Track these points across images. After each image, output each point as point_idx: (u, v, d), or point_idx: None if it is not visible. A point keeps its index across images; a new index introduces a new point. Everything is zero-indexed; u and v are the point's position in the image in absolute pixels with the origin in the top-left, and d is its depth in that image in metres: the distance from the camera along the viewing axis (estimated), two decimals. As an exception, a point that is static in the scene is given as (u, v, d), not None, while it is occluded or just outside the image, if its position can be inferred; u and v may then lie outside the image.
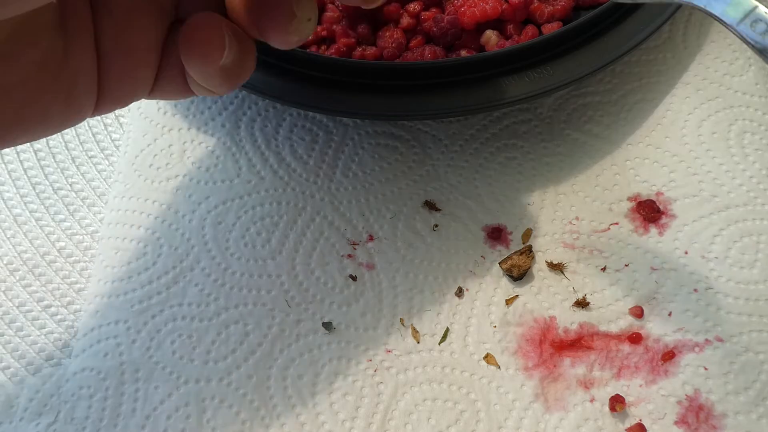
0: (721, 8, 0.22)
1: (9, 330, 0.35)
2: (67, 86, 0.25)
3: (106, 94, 0.26)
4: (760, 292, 0.33)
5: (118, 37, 0.26)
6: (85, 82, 0.25)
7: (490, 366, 0.33)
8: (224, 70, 0.26)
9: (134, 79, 0.27)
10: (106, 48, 0.26)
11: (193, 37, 0.26)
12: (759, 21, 0.21)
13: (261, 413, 0.32)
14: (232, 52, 0.26)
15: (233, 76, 0.27)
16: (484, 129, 0.39)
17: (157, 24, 0.27)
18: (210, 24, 0.26)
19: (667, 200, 0.36)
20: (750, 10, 0.22)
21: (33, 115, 0.24)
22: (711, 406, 0.31)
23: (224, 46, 0.26)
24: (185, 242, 0.36)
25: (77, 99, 0.25)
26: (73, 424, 0.32)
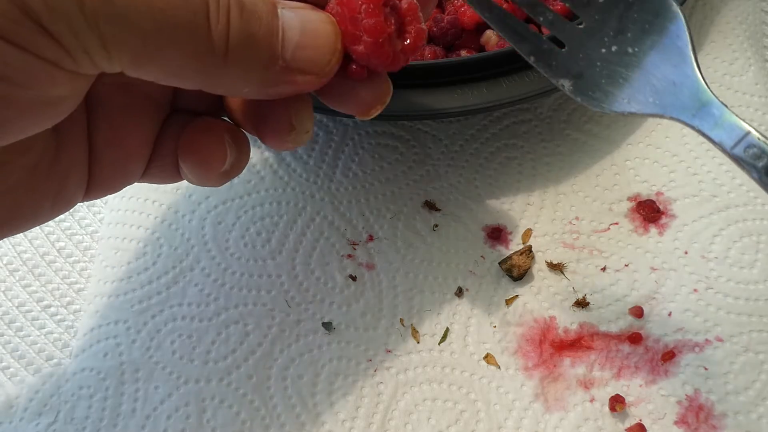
0: (715, 132, 0.22)
1: (9, 330, 0.35)
2: (58, 183, 0.25)
3: (97, 184, 0.26)
4: (760, 292, 0.33)
5: (112, 133, 0.26)
6: (76, 176, 0.25)
7: (490, 366, 0.33)
8: (222, 174, 0.27)
9: (124, 171, 0.27)
10: (99, 143, 0.26)
11: (194, 148, 0.26)
12: (752, 146, 0.21)
13: (261, 413, 0.32)
14: (232, 157, 0.27)
15: (229, 176, 0.28)
16: (484, 129, 0.39)
17: (152, 119, 0.27)
18: (212, 134, 0.26)
19: (667, 200, 0.36)
20: (743, 135, 0.22)
21: (24, 215, 0.24)
22: (711, 406, 0.31)
23: (226, 156, 0.26)
24: (185, 242, 0.36)
25: (67, 193, 0.25)
26: (73, 424, 0.32)
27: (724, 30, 0.40)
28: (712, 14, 0.41)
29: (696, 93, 0.22)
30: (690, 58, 0.22)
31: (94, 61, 0.19)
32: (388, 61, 0.24)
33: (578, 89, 0.23)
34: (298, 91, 0.24)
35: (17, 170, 0.23)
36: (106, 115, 0.26)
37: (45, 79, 0.19)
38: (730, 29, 0.40)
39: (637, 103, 0.23)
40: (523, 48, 0.24)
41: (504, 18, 0.24)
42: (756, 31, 0.41)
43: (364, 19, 0.23)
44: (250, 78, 0.22)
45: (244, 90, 0.23)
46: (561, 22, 0.23)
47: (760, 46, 0.41)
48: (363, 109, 0.26)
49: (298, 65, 0.22)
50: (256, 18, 0.21)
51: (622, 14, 0.23)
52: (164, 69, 0.20)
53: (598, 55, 0.23)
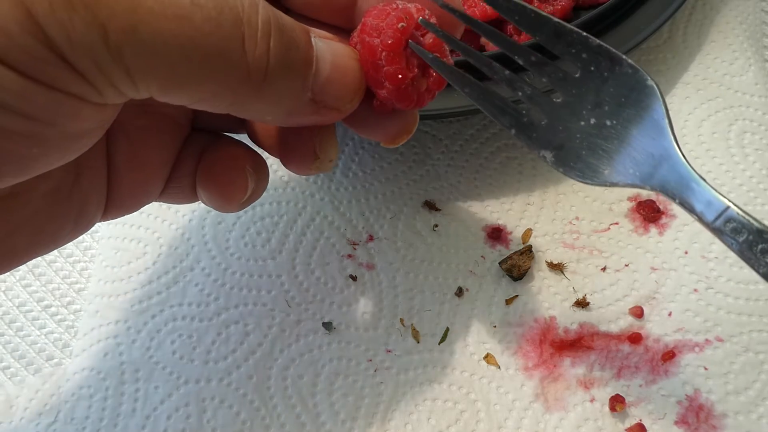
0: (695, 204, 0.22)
1: (9, 330, 0.35)
2: (78, 207, 0.24)
3: (115, 205, 0.26)
4: (760, 292, 0.33)
5: (132, 154, 0.26)
6: (96, 197, 0.25)
7: (490, 366, 0.33)
8: (241, 204, 0.27)
9: (144, 191, 0.27)
10: (118, 164, 0.25)
11: (215, 178, 0.26)
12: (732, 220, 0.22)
13: (261, 413, 0.32)
14: (252, 186, 0.26)
15: (248, 203, 0.28)
16: (484, 129, 0.39)
17: (172, 139, 0.27)
18: (234, 165, 0.26)
19: (667, 200, 0.36)
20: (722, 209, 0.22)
21: (45, 240, 0.24)
22: (711, 406, 0.31)
23: (247, 186, 0.26)
24: (185, 242, 0.36)
25: (87, 215, 0.25)
26: (73, 424, 0.32)
27: (724, 30, 0.40)
28: (712, 14, 0.41)
29: (674, 166, 0.22)
30: (667, 131, 0.22)
31: (121, 91, 0.19)
32: (412, 104, 0.23)
33: (560, 161, 0.23)
34: (318, 123, 0.23)
35: (38, 198, 0.23)
36: (126, 136, 0.25)
37: (71, 115, 0.18)
38: (730, 29, 0.40)
39: (618, 174, 0.23)
40: (504, 121, 0.24)
41: (484, 94, 0.24)
42: (756, 31, 0.41)
43: (385, 66, 0.22)
44: (278, 107, 0.22)
45: (268, 117, 0.22)
46: (539, 96, 0.24)
47: (760, 46, 0.41)
48: (388, 139, 0.25)
49: (323, 99, 0.22)
50: (295, 45, 0.21)
51: (599, 88, 0.23)
52: (194, 96, 0.20)
53: (577, 128, 0.23)
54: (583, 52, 0.23)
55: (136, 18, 0.17)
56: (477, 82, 0.24)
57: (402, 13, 0.22)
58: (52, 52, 0.17)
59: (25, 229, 0.23)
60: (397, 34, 0.22)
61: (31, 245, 0.23)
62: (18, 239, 0.22)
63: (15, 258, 0.23)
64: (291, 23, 0.21)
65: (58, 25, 0.16)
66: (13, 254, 0.23)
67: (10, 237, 0.22)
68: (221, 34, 0.19)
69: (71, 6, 0.16)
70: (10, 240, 0.22)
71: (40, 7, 0.16)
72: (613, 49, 0.23)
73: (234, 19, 0.19)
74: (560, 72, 0.23)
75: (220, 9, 0.19)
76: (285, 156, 0.26)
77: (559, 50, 0.23)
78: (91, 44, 0.17)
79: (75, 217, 0.24)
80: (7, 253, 0.22)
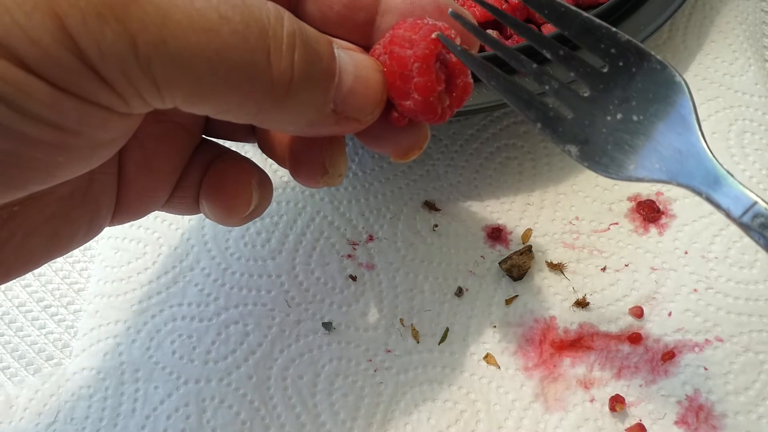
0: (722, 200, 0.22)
1: (9, 330, 0.35)
2: (91, 210, 0.25)
3: (123, 210, 0.26)
4: (760, 292, 0.33)
5: (143, 160, 0.26)
6: (107, 201, 0.25)
7: (490, 366, 0.33)
8: (244, 218, 0.27)
9: (152, 197, 0.27)
10: (129, 169, 0.26)
11: (219, 191, 0.26)
12: (759, 215, 0.22)
13: (261, 413, 0.32)
14: (256, 201, 0.27)
15: (251, 218, 0.28)
16: (484, 129, 0.39)
17: (183, 147, 0.27)
18: (239, 179, 0.26)
19: (667, 200, 0.36)
20: (750, 204, 0.22)
21: (61, 243, 0.24)
22: (711, 406, 0.31)
23: (251, 201, 0.26)
24: (185, 242, 0.36)
25: (99, 218, 0.25)
26: (72, 424, 0.32)
27: (724, 30, 0.40)
28: (712, 14, 0.41)
29: (701, 162, 0.22)
30: (694, 127, 0.23)
31: (146, 102, 0.19)
32: (436, 117, 0.23)
33: (585, 155, 0.24)
34: (338, 134, 0.24)
35: (54, 201, 0.23)
36: (139, 143, 0.26)
37: (98, 125, 0.19)
38: (730, 29, 0.40)
39: (643, 169, 0.23)
40: (530, 115, 0.24)
41: (510, 86, 0.24)
42: (756, 31, 0.41)
43: (416, 77, 0.22)
44: (300, 118, 0.22)
45: (290, 128, 0.23)
46: (566, 90, 0.24)
47: (760, 46, 0.41)
48: (400, 154, 0.25)
49: (345, 110, 0.22)
50: (318, 58, 0.21)
51: (626, 84, 0.23)
52: (218, 107, 0.20)
53: (603, 123, 0.23)
54: (612, 47, 0.23)
55: (166, 31, 0.17)
56: (504, 75, 0.24)
57: (434, 28, 0.23)
58: (84, 64, 0.17)
59: (43, 231, 0.23)
60: (431, 45, 0.22)
61: (48, 248, 0.24)
62: (35, 241, 0.23)
63: (32, 260, 0.23)
64: (315, 35, 0.21)
65: (90, 37, 0.17)
66: (30, 256, 0.23)
67: (28, 238, 0.22)
68: (248, 47, 0.19)
69: (103, 18, 0.17)
70: (28, 242, 0.23)
71: (73, 19, 0.16)
72: (641, 45, 0.23)
73: (260, 32, 0.19)
74: (588, 67, 0.23)
75: (247, 22, 0.19)
76: (295, 168, 0.26)
77: (588, 45, 0.23)
78: (121, 56, 0.17)
79: (89, 220, 0.25)
80: (25, 255, 0.23)
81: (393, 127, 0.24)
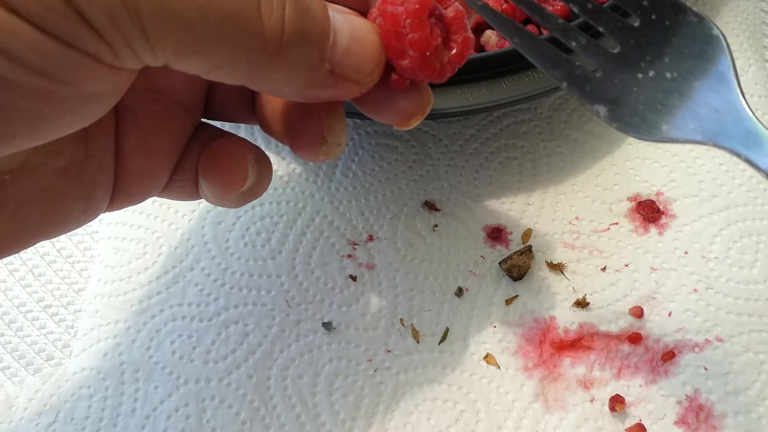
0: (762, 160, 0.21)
1: (9, 330, 0.35)
2: (88, 189, 0.25)
3: (121, 193, 0.26)
4: (760, 292, 0.33)
5: (141, 140, 0.26)
6: (104, 182, 0.25)
7: (490, 366, 0.33)
8: (241, 195, 0.27)
9: (151, 180, 0.27)
10: (127, 149, 0.25)
11: (215, 165, 0.26)
12: None
13: (261, 413, 0.32)
14: (252, 178, 0.26)
15: (249, 198, 0.27)
16: (484, 129, 0.39)
17: (182, 127, 0.27)
18: (235, 154, 0.26)
19: (667, 200, 0.36)
20: None
21: (56, 220, 0.24)
22: (711, 406, 0.31)
23: (246, 176, 0.26)
24: (185, 242, 0.36)
25: (96, 199, 0.25)
26: (72, 424, 0.32)
27: (724, 30, 0.40)
28: (712, 14, 0.41)
29: (741, 120, 0.21)
30: (733, 83, 0.21)
31: (137, 54, 0.18)
32: (435, 74, 0.23)
33: (614, 115, 0.22)
34: (338, 98, 0.23)
35: (48, 174, 0.23)
36: (136, 122, 0.25)
37: (86, 75, 0.18)
38: (730, 29, 0.40)
39: (677, 130, 0.21)
40: (556, 74, 0.23)
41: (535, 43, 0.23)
42: (756, 31, 0.41)
43: (409, 33, 0.22)
44: (296, 78, 0.21)
45: (286, 90, 0.22)
46: (594, 46, 0.22)
47: (760, 46, 0.41)
48: (402, 119, 0.25)
49: (343, 71, 0.22)
50: (311, 15, 0.21)
51: (660, 39, 0.22)
52: (210, 62, 0.20)
53: (634, 81, 0.22)
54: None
55: None
56: (528, 31, 0.23)
57: None
58: (69, 6, 0.17)
59: (36, 204, 0.23)
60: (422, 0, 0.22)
61: (42, 223, 0.23)
62: (29, 213, 0.23)
63: (25, 234, 0.23)
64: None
65: None
66: (23, 229, 0.23)
67: (21, 210, 0.22)
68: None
69: None
70: (21, 213, 0.22)
71: None
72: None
73: None
74: (618, 21, 0.22)
75: None
76: (293, 139, 0.26)
77: None
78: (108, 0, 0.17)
79: (85, 198, 0.24)
80: (18, 227, 0.23)
81: (394, 92, 0.24)
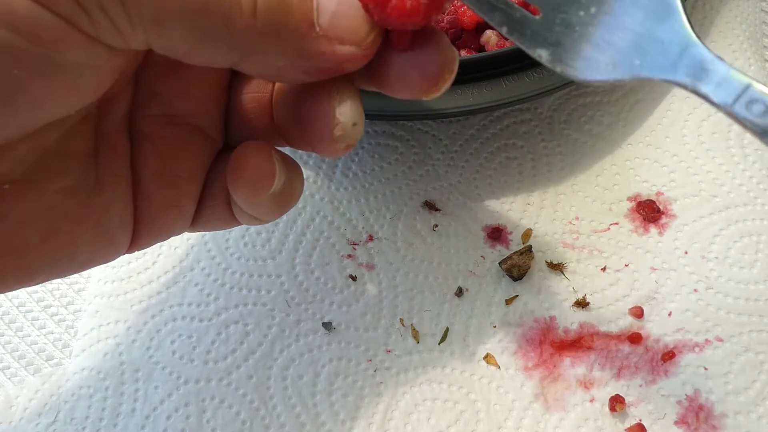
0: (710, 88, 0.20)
1: (9, 330, 0.35)
2: (97, 216, 0.24)
3: (145, 227, 0.25)
4: (760, 292, 0.33)
5: (161, 167, 0.25)
6: (119, 213, 0.24)
7: (490, 366, 0.33)
8: (274, 198, 0.25)
9: (176, 209, 0.26)
10: (146, 178, 0.25)
11: (242, 165, 0.25)
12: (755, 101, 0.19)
13: (261, 413, 0.32)
14: (282, 178, 0.25)
15: (282, 203, 0.26)
16: (484, 129, 0.39)
17: (202, 151, 0.26)
18: (260, 151, 0.25)
19: (667, 200, 0.36)
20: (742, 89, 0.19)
21: (59, 244, 0.23)
22: (711, 406, 0.31)
23: (275, 173, 0.25)
24: (185, 242, 0.36)
25: (109, 230, 0.24)
26: (72, 424, 0.32)
27: (724, 30, 0.40)
28: (712, 14, 0.41)
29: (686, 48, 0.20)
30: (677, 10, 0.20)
31: (113, 21, 0.18)
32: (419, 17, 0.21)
33: (557, 58, 0.21)
34: (340, 67, 0.22)
35: (53, 192, 0.22)
36: (154, 149, 0.25)
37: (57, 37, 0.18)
38: (730, 29, 0.40)
39: (621, 68, 0.20)
40: (495, 18, 0.22)
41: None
42: (756, 31, 0.41)
43: None
44: (285, 48, 0.21)
45: (280, 63, 0.21)
46: None
47: (760, 46, 0.41)
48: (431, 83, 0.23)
49: (336, 33, 0.21)
50: None
51: None
52: (190, 35, 0.19)
53: (576, 20, 0.21)
54: None
55: None
56: None
57: None
58: None
59: (39, 223, 0.22)
60: None
61: (45, 245, 0.22)
62: (30, 233, 0.22)
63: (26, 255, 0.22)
64: None
65: None
66: (25, 248, 0.22)
67: (21, 227, 0.22)
68: None
69: None
70: (22, 229, 0.22)
71: None
72: None
73: None
74: None
75: None
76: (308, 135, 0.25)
77: None
78: None
79: (94, 226, 0.24)
80: (20, 245, 0.22)
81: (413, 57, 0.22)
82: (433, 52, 0.22)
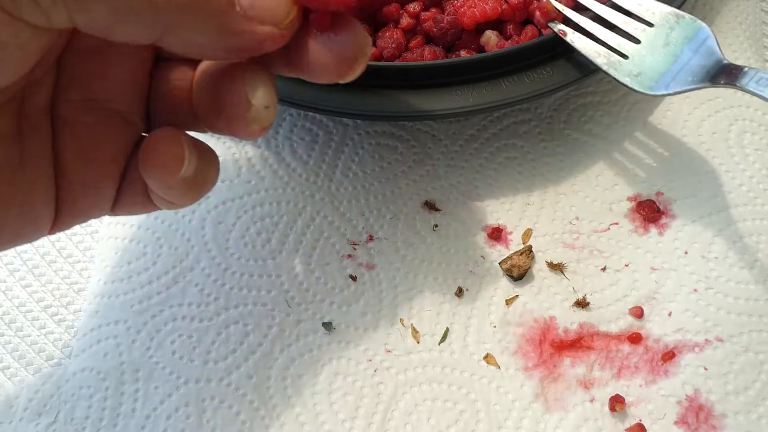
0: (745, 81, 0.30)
1: (9, 330, 0.35)
2: (22, 196, 0.24)
3: (66, 207, 0.26)
4: (760, 292, 0.33)
5: (80, 149, 0.26)
6: (42, 193, 0.25)
7: (490, 366, 0.33)
8: (185, 182, 0.26)
9: (95, 191, 0.26)
10: (66, 159, 0.25)
11: (152, 150, 0.26)
12: None
13: (261, 413, 0.32)
14: (192, 163, 0.26)
15: (194, 188, 0.27)
16: (484, 129, 0.39)
17: (122, 135, 0.27)
18: (169, 136, 0.26)
19: (667, 200, 0.36)
20: None
21: None
22: (711, 406, 0.31)
23: (184, 156, 0.26)
24: (185, 242, 0.36)
25: (33, 210, 0.25)
26: (72, 424, 0.32)
27: (724, 30, 0.40)
28: (711, 14, 0.41)
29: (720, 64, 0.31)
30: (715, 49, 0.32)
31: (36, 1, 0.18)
32: None
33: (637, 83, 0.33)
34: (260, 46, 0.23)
35: None
36: (73, 132, 0.25)
37: None
38: (730, 29, 0.40)
39: (677, 84, 0.32)
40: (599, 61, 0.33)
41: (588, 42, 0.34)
42: (756, 31, 0.41)
43: None
44: (206, 25, 0.21)
45: (201, 40, 0.22)
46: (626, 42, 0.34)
47: (760, 46, 0.41)
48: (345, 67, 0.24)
49: (256, 13, 0.21)
50: None
51: (668, 33, 0.33)
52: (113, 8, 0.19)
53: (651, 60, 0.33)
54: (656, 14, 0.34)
55: None
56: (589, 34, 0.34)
57: None
58: None
59: None
60: None
61: None
62: None
63: None
64: None
65: None
66: None
67: None
68: None
69: None
70: None
71: None
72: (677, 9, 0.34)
73: None
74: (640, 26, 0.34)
75: None
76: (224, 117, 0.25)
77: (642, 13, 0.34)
78: None
79: (19, 206, 0.24)
80: None
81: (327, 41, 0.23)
82: (348, 37, 0.24)
